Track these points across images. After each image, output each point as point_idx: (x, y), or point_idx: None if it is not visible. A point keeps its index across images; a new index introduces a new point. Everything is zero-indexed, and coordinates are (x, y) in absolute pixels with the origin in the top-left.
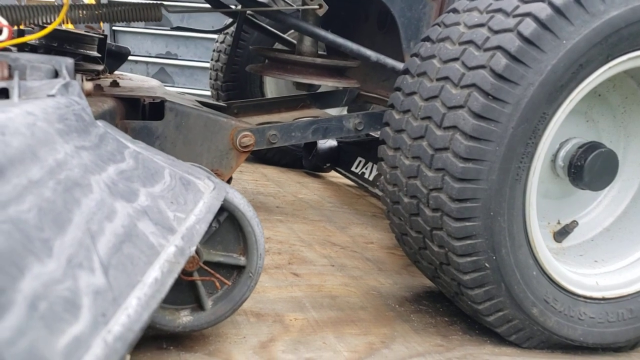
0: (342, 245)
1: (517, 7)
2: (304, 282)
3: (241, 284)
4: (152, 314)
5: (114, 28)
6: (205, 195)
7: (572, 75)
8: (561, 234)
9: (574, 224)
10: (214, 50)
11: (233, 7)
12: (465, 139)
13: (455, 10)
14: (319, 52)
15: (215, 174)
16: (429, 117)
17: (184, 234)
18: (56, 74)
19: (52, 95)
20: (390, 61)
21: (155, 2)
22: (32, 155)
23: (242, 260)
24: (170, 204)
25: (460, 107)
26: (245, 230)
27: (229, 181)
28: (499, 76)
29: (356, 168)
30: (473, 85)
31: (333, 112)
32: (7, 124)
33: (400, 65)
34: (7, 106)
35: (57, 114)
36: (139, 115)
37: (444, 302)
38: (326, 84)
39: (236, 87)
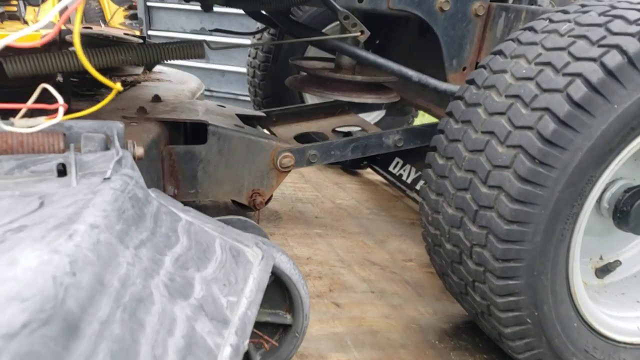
0: (381, 264)
1: (567, 64)
2: (345, 314)
3: (287, 342)
4: None
5: (148, 4)
6: (254, 268)
7: (623, 138)
8: (603, 272)
9: (617, 263)
10: (247, 65)
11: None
12: (510, 201)
13: (501, 53)
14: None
15: (256, 193)
16: (473, 171)
17: (238, 326)
18: (109, 140)
19: (108, 178)
20: (432, 81)
21: (197, 40)
22: (100, 286)
23: (288, 319)
24: (223, 287)
25: (506, 167)
26: (291, 293)
27: (269, 200)
28: (547, 141)
29: (394, 169)
30: (519, 146)
31: (370, 116)
32: (76, 256)
33: (442, 86)
34: (70, 213)
35: (117, 211)
36: (182, 135)
37: (482, 335)
38: (366, 101)
39: (275, 99)
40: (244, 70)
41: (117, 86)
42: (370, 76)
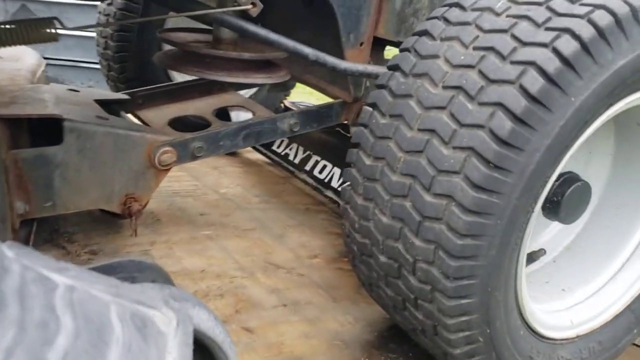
0: (286, 266)
1: (514, 49)
2: (260, 341)
3: None
4: None
5: None
6: (169, 343)
7: (577, 133)
8: (527, 261)
9: (541, 252)
10: (97, 35)
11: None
12: (463, 212)
13: (428, 34)
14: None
15: (131, 198)
16: (412, 176)
17: None
18: None
19: None
20: (330, 60)
21: (47, 18)
22: None
23: None
24: None
25: (455, 173)
26: (216, 357)
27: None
28: (503, 142)
29: (278, 148)
30: (470, 148)
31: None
32: None
33: (342, 65)
34: None
35: None
36: (26, 133)
37: (410, 342)
38: (255, 82)
39: (137, 76)
40: (82, 33)
41: None
42: (255, 52)
